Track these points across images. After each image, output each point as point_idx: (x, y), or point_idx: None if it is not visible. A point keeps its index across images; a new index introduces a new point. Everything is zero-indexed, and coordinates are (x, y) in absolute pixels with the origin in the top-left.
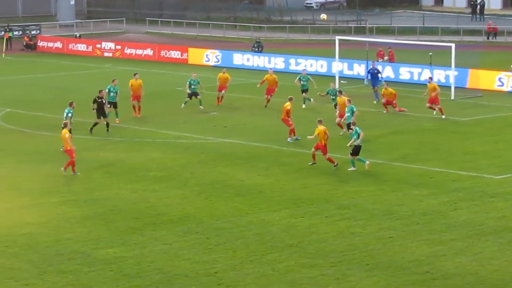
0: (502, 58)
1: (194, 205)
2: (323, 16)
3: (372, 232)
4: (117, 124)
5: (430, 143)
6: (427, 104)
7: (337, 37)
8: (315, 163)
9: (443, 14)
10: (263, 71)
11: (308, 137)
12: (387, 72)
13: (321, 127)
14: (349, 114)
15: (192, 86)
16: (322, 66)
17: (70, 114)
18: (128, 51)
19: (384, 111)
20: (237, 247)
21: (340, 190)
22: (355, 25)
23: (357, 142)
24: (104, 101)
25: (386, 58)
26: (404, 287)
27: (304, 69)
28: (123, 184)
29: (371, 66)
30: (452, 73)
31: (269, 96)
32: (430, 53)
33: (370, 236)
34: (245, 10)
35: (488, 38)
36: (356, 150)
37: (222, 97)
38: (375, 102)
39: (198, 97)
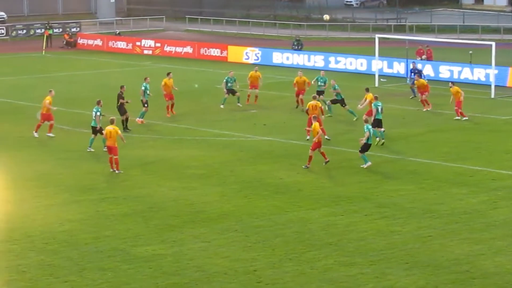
0: None
1: (233, 203)
2: (326, 16)
3: (411, 231)
4: (156, 122)
5: (470, 141)
6: (457, 110)
7: (377, 35)
8: (328, 161)
9: (483, 13)
10: (302, 69)
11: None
12: (427, 70)
13: (317, 124)
14: (376, 110)
15: (229, 84)
16: (361, 64)
17: (98, 113)
18: (168, 48)
19: (424, 109)
20: (276, 245)
21: (379, 189)
22: (395, 23)
23: (364, 139)
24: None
25: (424, 56)
26: (443, 286)
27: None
28: (162, 181)
29: (412, 67)
30: (492, 71)
31: (300, 96)
32: (470, 52)
33: (409, 235)
34: (284, 8)
35: None
36: (365, 148)
37: (256, 96)
38: (410, 97)
39: (236, 94)
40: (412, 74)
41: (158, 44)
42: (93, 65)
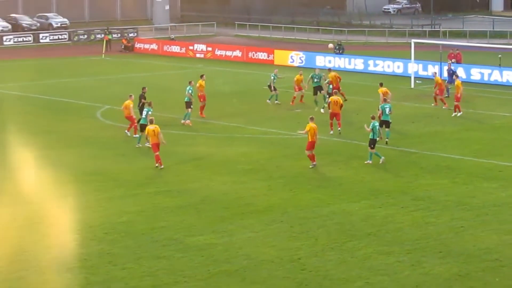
0: None
1: (279, 196)
2: (330, 45)
3: (445, 222)
4: (207, 120)
5: (500, 139)
6: (455, 103)
7: (413, 40)
8: (315, 164)
9: None
10: (344, 71)
11: (299, 131)
12: (459, 73)
13: (312, 124)
14: (383, 111)
15: (274, 81)
16: (398, 67)
17: (150, 113)
18: (218, 52)
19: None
20: (319, 235)
21: (415, 183)
22: (430, 29)
23: (368, 129)
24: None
25: (453, 60)
26: (474, 273)
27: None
28: (213, 176)
29: (448, 67)
30: None
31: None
32: (500, 55)
33: (443, 226)
34: (327, 14)
35: None
36: (372, 143)
37: (302, 96)
38: (446, 95)
39: (275, 92)
40: (448, 75)
41: (209, 48)
42: (149, 67)
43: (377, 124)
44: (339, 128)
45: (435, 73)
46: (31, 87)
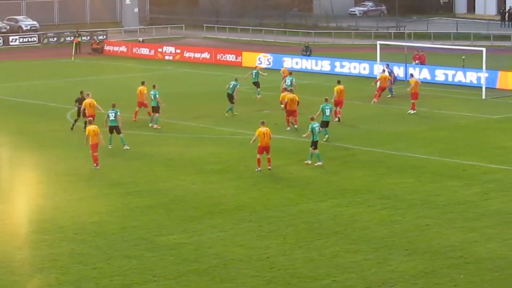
0: None
1: (248, 195)
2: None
3: (411, 220)
4: (177, 122)
5: (464, 138)
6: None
7: (378, 42)
8: (269, 168)
9: (475, 21)
10: (311, 73)
11: (252, 142)
12: (423, 74)
13: (262, 129)
14: (322, 112)
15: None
16: (364, 68)
17: (118, 114)
18: (187, 54)
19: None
20: (288, 234)
21: (381, 182)
22: (395, 31)
23: (307, 133)
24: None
25: (417, 61)
26: (439, 270)
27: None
28: (183, 176)
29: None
30: (483, 74)
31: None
32: (463, 57)
33: (409, 224)
34: (294, 17)
35: None
36: (313, 144)
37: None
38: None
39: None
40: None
41: (178, 50)
42: (119, 70)
43: (316, 125)
44: (296, 126)
45: (412, 74)
46: (1, 89)
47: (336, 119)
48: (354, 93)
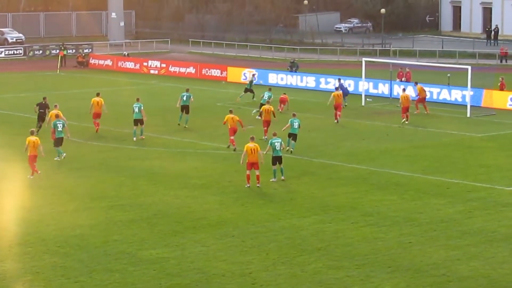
0: (510, 80)
1: (231, 210)
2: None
3: (394, 238)
4: (161, 136)
5: (448, 156)
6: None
7: (364, 59)
8: (253, 184)
9: (461, 39)
10: (296, 89)
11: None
12: (408, 91)
13: (250, 144)
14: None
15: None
16: (349, 85)
17: (65, 124)
18: (172, 69)
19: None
20: (270, 250)
21: (365, 199)
22: (380, 48)
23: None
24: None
25: (403, 78)
26: None
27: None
28: (167, 190)
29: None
30: (468, 93)
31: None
32: (448, 75)
33: (392, 241)
34: (280, 33)
35: (501, 62)
36: (276, 160)
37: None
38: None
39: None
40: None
41: (163, 65)
42: (104, 83)
43: (275, 140)
44: (264, 137)
45: (416, 82)
46: None
47: (336, 121)
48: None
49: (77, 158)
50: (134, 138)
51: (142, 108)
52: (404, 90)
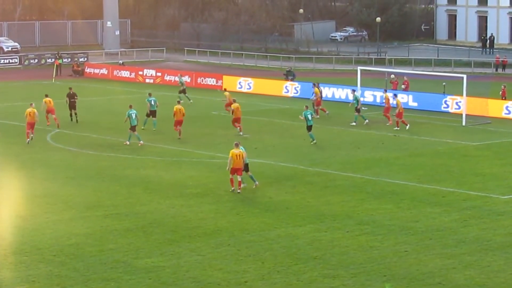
0: (510, 89)
1: (226, 219)
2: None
3: (389, 246)
4: (156, 145)
5: (443, 165)
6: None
7: (359, 67)
8: (233, 190)
9: (456, 48)
10: (292, 98)
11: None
12: (405, 99)
13: (235, 150)
14: None
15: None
16: (346, 94)
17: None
18: (168, 77)
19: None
20: (266, 259)
21: (360, 207)
22: (376, 57)
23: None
24: None
25: (403, 86)
26: None
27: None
28: (162, 199)
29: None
30: (464, 101)
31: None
32: (444, 83)
33: (387, 250)
34: (275, 41)
35: (496, 70)
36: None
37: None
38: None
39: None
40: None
41: (159, 74)
42: (99, 92)
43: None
44: (241, 133)
45: (385, 90)
46: None
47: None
48: (334, 118)
49: (73, 167)
50: (128, 142)
51: (137, 114)
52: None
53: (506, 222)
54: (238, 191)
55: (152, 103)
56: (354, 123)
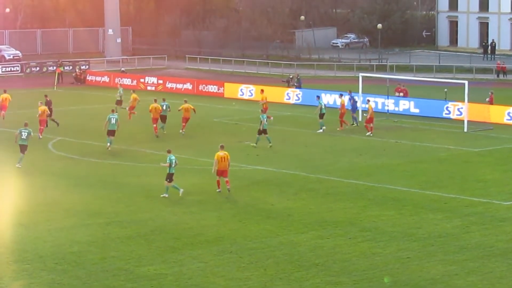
0: (511, 95)
1: (228, 226)
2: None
3: (392, 253)
4: (158, 152)
5: (445, 171)
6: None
7: (361, 74)
8: (219, 191)
9: (457, 54)
10: (293, 105)
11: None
12: (406, 105)
13: (220, 153)
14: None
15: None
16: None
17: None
18: (169, 85)
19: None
20: (268, 266)
21: (362, 214)
22: (377, 63)
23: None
24: None
25: (401, 94)
26: None
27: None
28: (164, 207)
29: (351, 99)
30: (465, 107)
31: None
32: (445, 89)
33: (389, 256)
34: (276, 48)
35: (498, 76)
36: (168, 177)
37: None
38: (354, 124)
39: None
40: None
41: (160, 81)
42: (101, 99)
43: (173, 157)
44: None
45: (368, 100)
46: None
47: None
48: (336, 125)
49: (74, 174)
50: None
51: (118, 119)
52: (368, 101)
53: (508, 228)
54: (228, 187)
55: (164, 107)
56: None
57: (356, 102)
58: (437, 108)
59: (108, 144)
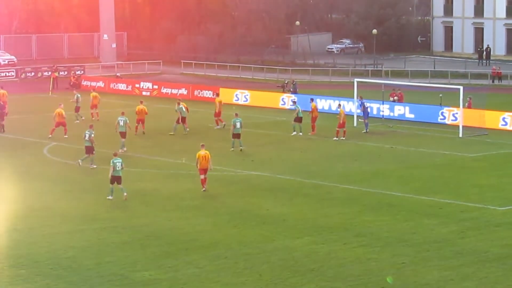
0: (506, 100)
1: (223, 232)
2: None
3: (387, 258)
4: (153, 157)
5: (440, 177)
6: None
7: (356, 79)
8: (204, 190)
9: (452, 59)
10: (288, 110)
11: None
12: (401, 111)
13: (201, 152)
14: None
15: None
16: (343, 106)
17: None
18: (164, 90)
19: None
20: (263, 271)
21: (357, 219)
22: (372, 69)
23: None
24: None
25: (396, 98)
26: None
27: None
28: (159, 212)
29: (361, 104)
30: (460, 113)
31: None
32: (440, 95)
33: (384, 262)
34: (271, 54)
35: (493, 82)
36: (114, 180)
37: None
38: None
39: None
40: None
41: (155, 86)
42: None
43: (116, 160)
44: (143, 130)
45: (340, 105)
46: None
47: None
48: (331, 130)
49: (69, 180)
50: (121, 150)
51: (127, 121)
52: (339, 106)
53: (503, 233)
54: (203, 189)
55: (87, 137)
56: (295, 133)
57: (367, 108)
58: (432, 114)
59: (124, 148)
